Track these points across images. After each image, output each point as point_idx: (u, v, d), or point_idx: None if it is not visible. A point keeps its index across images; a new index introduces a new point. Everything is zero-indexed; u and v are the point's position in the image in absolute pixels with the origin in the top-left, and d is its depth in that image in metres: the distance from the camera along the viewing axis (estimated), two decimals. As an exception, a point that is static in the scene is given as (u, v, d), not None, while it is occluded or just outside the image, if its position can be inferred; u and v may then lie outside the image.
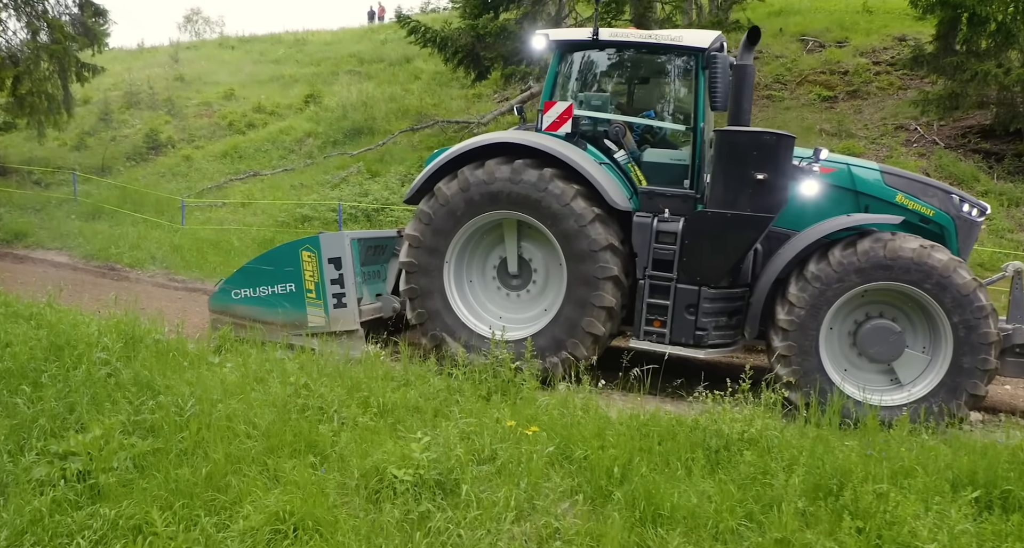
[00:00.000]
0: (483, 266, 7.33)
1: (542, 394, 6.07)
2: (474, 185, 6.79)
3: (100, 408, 5.42)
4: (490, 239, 7.27)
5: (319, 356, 6.67)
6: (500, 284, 7.26)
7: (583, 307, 6.62)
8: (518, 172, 6.67)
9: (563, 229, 6.61)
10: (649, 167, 7.11)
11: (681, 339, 6.45)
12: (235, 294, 7.86)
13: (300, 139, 22.04)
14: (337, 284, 7.45)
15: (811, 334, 6.03)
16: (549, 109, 7.08)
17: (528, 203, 6.67)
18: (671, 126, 7.56)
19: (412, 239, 7.03)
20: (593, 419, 5.21)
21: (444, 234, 6.97)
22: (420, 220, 7.00)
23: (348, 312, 7.45)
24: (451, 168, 7.05)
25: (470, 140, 7.12)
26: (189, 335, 8.07)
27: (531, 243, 7.18)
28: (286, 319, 7.59)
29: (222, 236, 15.03)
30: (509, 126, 21.55)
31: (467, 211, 6.86)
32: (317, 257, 7.48)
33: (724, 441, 5.00)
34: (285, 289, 7.62)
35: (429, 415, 5.42)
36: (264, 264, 7.78)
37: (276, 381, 5.89)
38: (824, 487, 4.57)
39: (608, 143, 7.23)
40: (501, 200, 6.75)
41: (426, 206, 6.97)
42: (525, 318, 7.14)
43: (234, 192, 18.54)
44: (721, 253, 6.33)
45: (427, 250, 7.05)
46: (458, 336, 6.99)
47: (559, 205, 6.57)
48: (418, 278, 7.13)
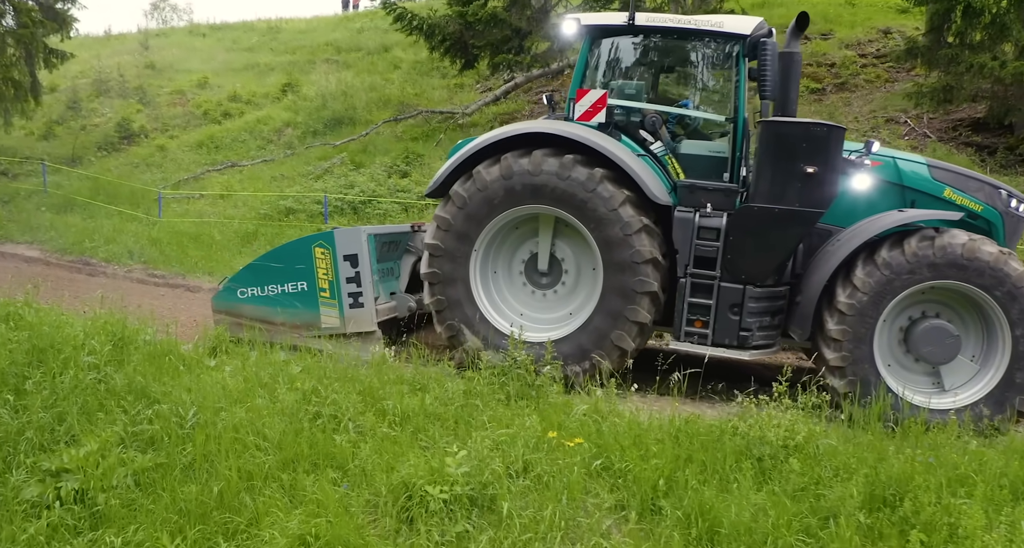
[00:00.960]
0: (511, 259, 6.95)
1: (567, 398, 5.75)
2: (517, 174, 6.39)
3: (92, 418, 5.00)
4: (522, 231, 6.89)
5: (324, 358, 6.27)
6: (527, 280, 6.91)
7: (615, 320, 6.28)
8: (567, 168, 6.28)
9: (606, 235, 6.26)
10: (686, 159, 6.78)
11: (724, 340, 6.14)
12: (241, 293, 7.39)
13: (279, 129, 21.41)
14: (353, 282, 7.02)
15: (868, 322, 5.75)
16: (582, 97, 6.72)
17: (573, 202, 6.30)
18: (711, 117, 7.24)
19: (442, 221, 6.62)
20: (629, 426, 4.90)
21: (477, 221, 6.57)
22: (454, 203, 6.58)
23: (365, 312, 7.04)
24: (480, 159, 6.66)
25: (502, 129, 6.73)
26: (180, 335, 7.62)
27: (566, 242, 6.80)
28: (297, 320, 7.15)
29: (202, 229, 14.48)
30: (495, 117, 21.24)
31: (506, 200, 6.47)
32: (331, 254, 7.05)
33: (769, 449, 4.72)
34: (296, 288, 7.18)
35: (451, 423, 5.07)
36: (273, 261, 7.32)
37: (283, 387, 5.50)
38: (879, 497, 4.31)
39: (643, 134, 6.91)
40: (544, 194, 6.36)
41: (461, 189, 6.55)
42: (548, 319, 6.79)
43: (212, 183, 17.94)
44: (767, 250, 6.04)
45: (456, 235, 6.65)
46: (476, 329, 6.63)
47: (606, 209, 6.21)
48: (442, 263, 6.72)
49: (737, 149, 6.59)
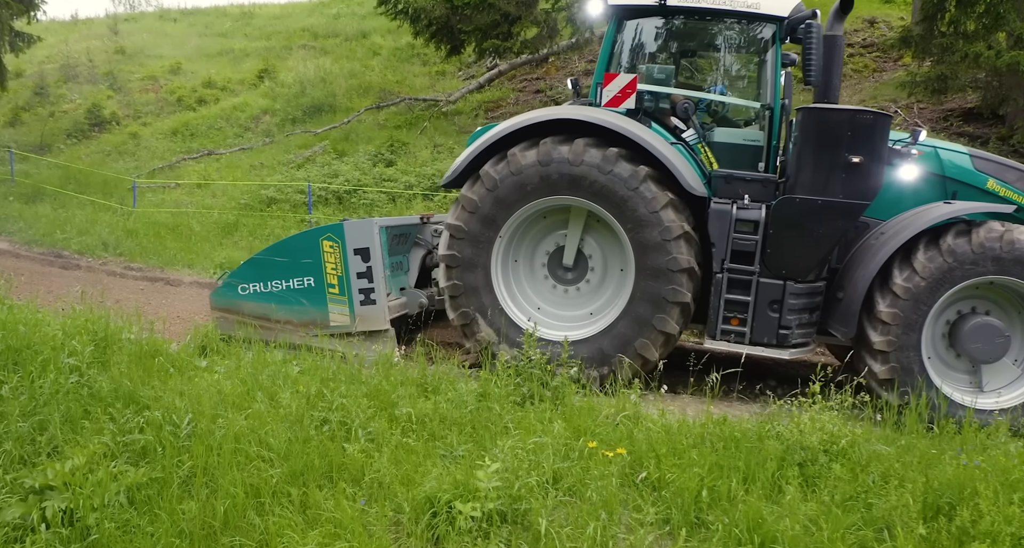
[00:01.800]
0: (534, 249, 6.58)
1: (589, 401, 5.43)
2: (556, 162, 6.00)
3: (76, 427, 4.58)
4: (550, 221, 6.52)
5: (325, 358, 5.88)
6: (548, 273, 6.56)
7: (642, 327, 5.97)
8: (610, 162, 5.91)
9: (643, 238, 5.91)
10: (719, 148, 6.46)
11: (763, 339, 5.83)
12: (242, 289, 6.93)
13: (256, 116, 20.81)
14: (364, 278, 6.60)
15: (922, 308, 5.48)
16: (610, 82, 6.36)
17: (612, 199, 5.95)
18: (746, 103, 6.91)
19: (468, 203, 6.22)
20: (665, 432, 4.58)
21: (506, 206, 6.19)
22: (483, 184, 6.18)
23: (377, 310, 6.63)
24: (506, 145, 6.28)
25: (531, 114, 6.34)
26: (165, 334, 7.18)
27: (595, 237, 6.45)
28: (303, 318, 6.73)
29: (180, 220, 13.94)
30: (480, 105, 20.82)
31: (540, 188, 6.09)
32: (341, 247, 6.63)
33: (811, 454, 4.43)
34: (302, 284, 6.75)
35: (468, 429, 4.71)
36: (277, 255, 6.88)
37: (284, 390, 5.11)
38: (933, 506, 4.04)
39: (675, 121, 6.58)
40: (582, 187, 6.00)
41: (493, 170, 6.15)
42: (566, 316, 6.45)
43: (188, 172, 17.34)
44: (809, 243, 5.75)
45: (482, 219, 6.24)
46: (491, 320, 6.28)
47: (646, 211, 5.86)
48: (463, 246, 6.33)
49: (773, 137, 6.29)
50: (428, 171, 14.51)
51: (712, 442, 4.62)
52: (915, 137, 6.02)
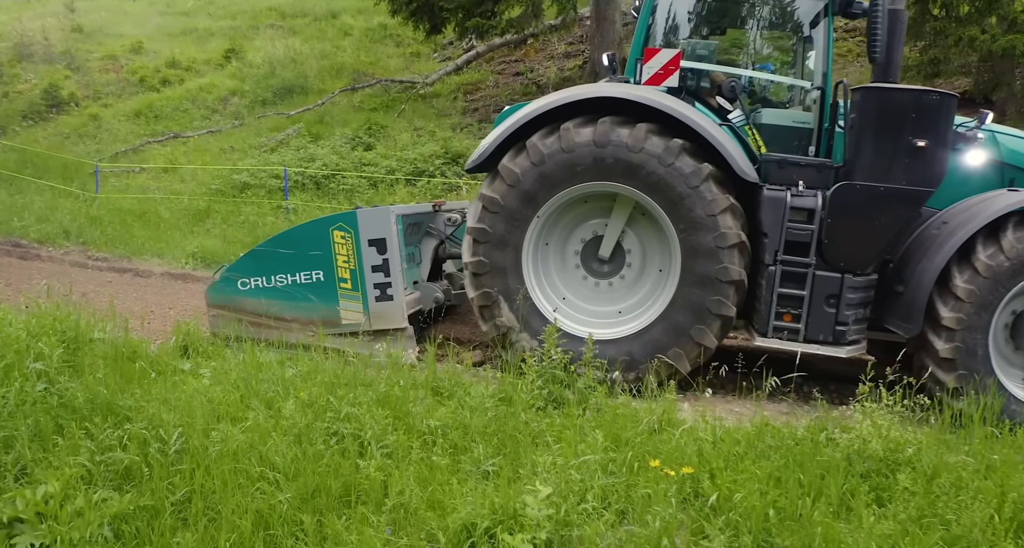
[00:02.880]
0: (569, 234, 6.05)
1: (619, 404, 4.98)
2: (614, 145, 5.47)
3: (47, 444, 4.01)
4: (591, 207, 5.99)
5: (323, 358, 5.35)
6: (580, 262, 6.06)
7: (678, 337, 5.53)
8: (672, 154, 5.41)
9: (694, 241, 5.45)
10: (768, 131, 6.00)
11: (819, 336, 5.41)
12: (242, 284, 6.31)
13: (224, 97, 19.94)
14: (380, 272, 6.03)
15: (1000, 290, 5.10)
16: (651, 57, 5.85)
17: (669, 195, 5.46)
18: (797, 83, 6.44)
19: (509, 175, 5.65)
20: (721, 442, 4.14)
21: (551, 184, 5.63)
22: (529, 157, 5.63)
23: (394, 306, 6.07)
24: (535, 127, 5.74)
25: (567, 92, 5.82)
26: (142, 332, 6.58)
27: (638, 232, 5.94)
28: (311, 315, 6.15)
29: (146, 206, 13.18)
30: (458, 87, 20.21)
31: (590, 170, 5.56)
32: (353, 238, 6.04)
33: (874, 464, 4.04)
34: (310, 278, 6.15)
35: (493, 439, 4.23)
36: (282, 246, 6.26)
37: (283, 397, 4.57)
38: (1017, 521, 3.67)
39: (720, 101, 6.10)
40: (638, 177, 5.49)
41: (542, 143, 5.59)
42: (592, 311, 5.97)
43: (153, 156, 16.50)
44: (870, 234, 5.33)
45: (522, 194, 5.67)
46: (514, 304, 5.78)
47: (703, 213, 5.38)
48: (497, 222, 5.75)
49: (825, 119, 5.86)
50: (410, 155, 13.90)
51: (766, 451, 4.21)
52: (981, 120, 5.63)
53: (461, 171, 13.68)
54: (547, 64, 19.91)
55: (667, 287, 5.66)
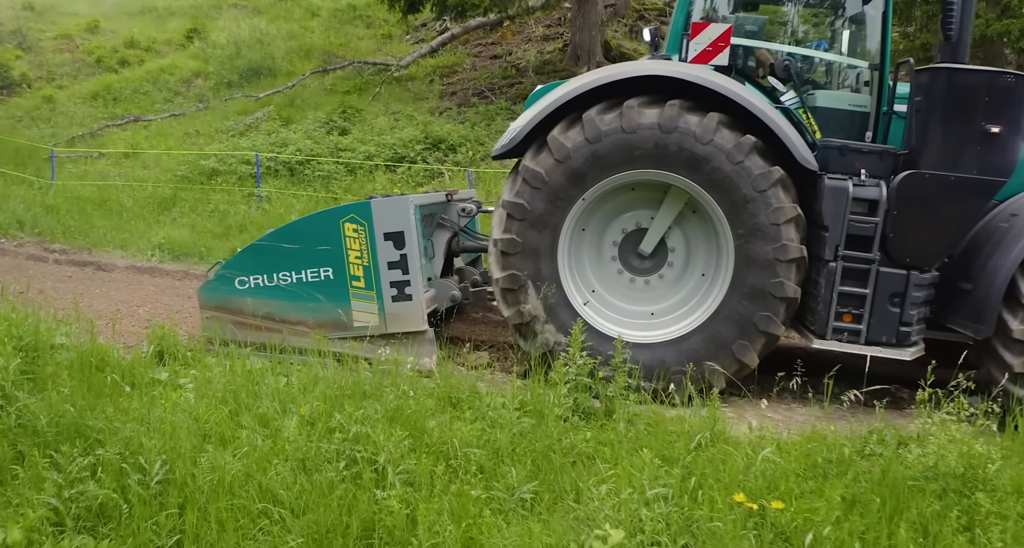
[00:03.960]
0: (609, 222, 5.51)
1: (656, 413, 4.51)
2: (681, 133, 4.93)
3: (5, 476, 3.42)
4: (638, 196, 5.44)
5: (315, 364, 4.79)
6: (617, 254, 5.54)
7: (718, 350, 5.08)
8: (742, 151, 4.88)
9: (752, 250, 4.97)
10: (822, 114, 5.52)
11: (881, 337, 4.96)
12: (240, 283, 5.67)
13: (187, 79, 19.00)
14: (398, 269, 5.44)
15: None
16: (699, 33, 5.33)
17: (732, 196, 4.96)
18: (854, 62, 5.93)
19: (559, 150, 5.11)
20: (791, 462, 3.67)
21: (604, 166, 5.08)
22: (584, 131, 5.09)
23: (413, 307, 5.48)
24: (571, 110, 5.22)
25: (611, 70, 5.28)
26: (105, 334, 5.92)
27: (686, 229, 5.43)
28: (319, 317, 5.55)
29: (107, 194, 12.36)
30: (434, 70, 19.52)
31: (651, 156, 5.01)
32: (367, 231, 5.44)
33: (955, 482, 3.62)
34: (318, 276, 5.54)
35: (527, 461, 3.72)
36: (286, 240, 5.62)
37: (279, 412, 4.00)
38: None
39: (773, 81, 5.60)
40: (702, 171, 4.98)
41: (600, 119, 5.05)
42: (622, 310, 5.47)
43: (113, 140, 15.59)
44: (939, 227, 4.91)
45: (570, 173, 5.12)
46: (542, 291, 5.26)
47: (767, 221, 4.91)
48: (538, 199, 5.18)
49: (883, 102, 5.41)
50: (389, 140, 13.24)
51: (829, 468, 3.77)
52: None
53: (443, 157, 13.09)
54: (525, 47, 19.33)
55: (711, 295, 5.20)
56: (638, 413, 4.53)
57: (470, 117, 14.69)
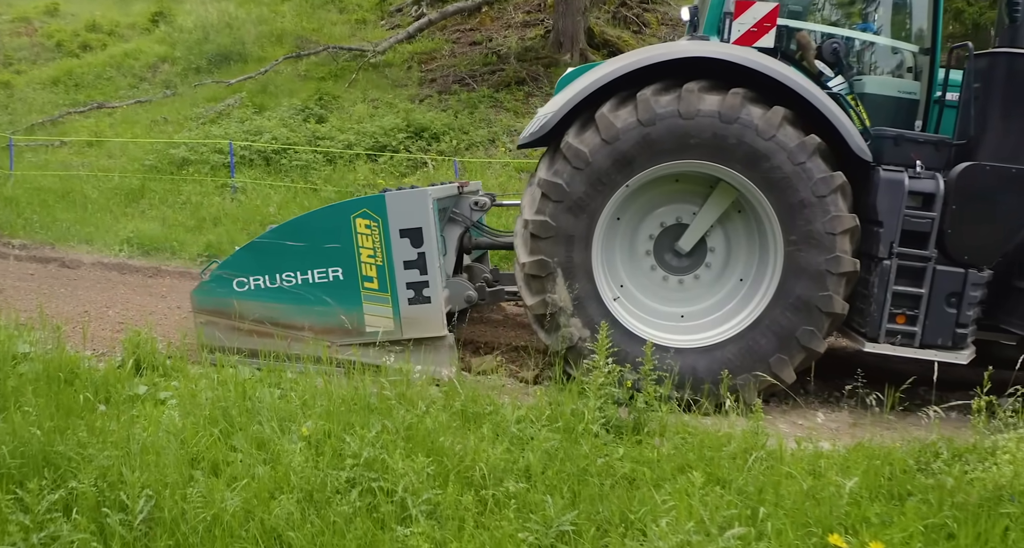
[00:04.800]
0: (647, 214, 5.09)
1: (684, 426, 4.12)
2: (743, 125, 4.52)
3: (-39, 517, 2.92)
4: (681, 188, 5.03)
5: (309, 374, 4.33)
6: (652, 249, 5.13)
7: (754, 363, 4.71)
8: (805, 151, 4.51)
9: (802, 260, 4.60)
10: (871, 101, 5.15)
11: (936, 340, 4.63)
12: (239, 285, 5.16)
13: (153, 65, 18.21)
14: (415, 268, 4.98)
15: None
16: (743, 12, 4.91)
17: (788, 199, 4.58)
18: (904, 46, 5.55)
19: (607, 129, 4.64)
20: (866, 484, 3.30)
21: (654, 152, 4.64)
22: (636, 112, 4.61)
23: (432, 310, 5.02)
24: (606, 95, 4.77)
25: (652, 52, 4.82)
26: (73, 341, 5.40)
27: (729, 230, 5.04)
28: (327, 322, 5.08)
29: (71, 185, 11.67)
30: (412, 56, 18.93)
31: (706, 147, 4.60)
32: (381, 227, 4.97)
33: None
34: (326, 276, 5.05)
35: (563, 488, 3.31)
36: (290, 238, 5.11)
37: (276, 432, 3.54)
38: None
39: (820, 65, 5.22)
40: (759, 169, 4.57)
41: (656, 102, 4.60)
42: (650, 308, 5.08)
43: (75, 128, 14.82)
44: (999, 222, 4.58)
45: (618, 156, 4.66)
46: (572, 280, 4.83)
47: (823, 230, 4.53)
48: (578, 181, 4.72)
49: (934, 88, 5.08)
50: (369, 128, 12.69)
51: (894, 487, 3.41)
52: None
53: (426, 146, 12.59)
54: (506, 33, 18.84)
55: (751, 303, 4.83)
56: (671, 425, 4.14)
57: (452, 105, 14.19)
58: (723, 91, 4.60)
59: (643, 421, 4.08)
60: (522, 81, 15.43)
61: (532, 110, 15.79)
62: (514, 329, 6.58)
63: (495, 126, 13.41)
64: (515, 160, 12.21)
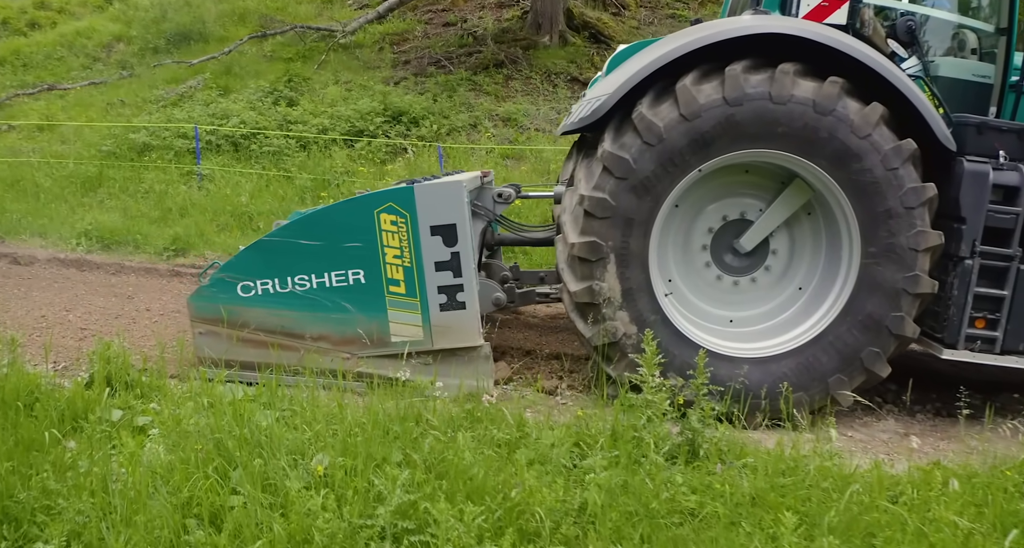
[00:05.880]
0: (707, 205, 4.58)
1: (743, 447, 3.66)
2: (838, 119, 4.05)
3: None
4: (750, 181, 4.53)
5: (309, 390, 3.76)
6: (709, 244, 4.62)
7: (811, 381, 4.28)
8: (900, 156, 4.07)
9: (879, 274, 4.19)
10: (942, 85, 4.71)
11: (1018, 346, 4.24)
12: (245, 289, 4.54)
13: (107, 44, 17.18)
14: (447, 270, 4.42)
15: None
16: None
17: (874, 206, 4.14)
18: (979, 25, 5.04)
19: (689, 103, 4.10)
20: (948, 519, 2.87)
21: (738, 135, 4.12)
22: (723, 90, 4.08)
23: (466, 317, 4.47)
24: (663, 75, 4.24)
25: (720, 27, 4.27)
26: (30, 353, 4.76)
27: (795, 233, 4.57)
28: (346, 331, 4.51)
29: (20, 172, 10.78)
30: (383, 37, 18.16)
31: (794, 137, 4.10)
32: (409, 224, 4.40)
33: None
34: (346, 279, 4.46)
35: (632, 534, 2.81)
36: (305, 236, 4.50)
37: (284, 469, 2.98)
38: None
39: (893, 45, 4.75)
40: (848, 169, 4.12)
41: (746, 80, 4.07)
42: (698, 309, 4.62)
43: (24, 111, 13.82)
44: None
45: (696, 135, 4.11)
46: (625, 268, 4.27)
47: (907, 245, 4.15)
48: (647, 158, 4.14)
49: (1010, 72, 4.64)
50: (344, 112, 11.98)
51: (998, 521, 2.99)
52: None
53: (406, 131, 11.94)
54: (480, 14, 18.20)
55: (813, 315, 4.40)
56: (726, 442, 3.67)
57: (430, 88, 13.54)
58: (818, 77, 4.11)
59: (699, 442, 3.61)
60: (500, 64, 14.85)
61: (512, 93, 15.25)
62: (522, 331, 6.05)
63: (476, 110, 12.82)
64: (500, 146, 11.64)
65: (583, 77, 14.95)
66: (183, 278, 7.69)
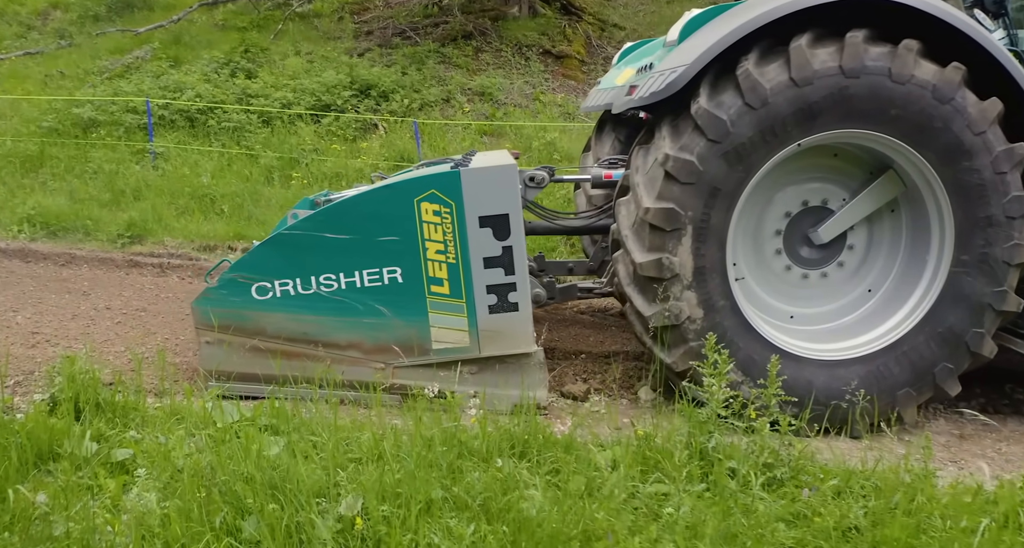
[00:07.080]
0: (785, 188, 4.07)
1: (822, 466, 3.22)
2: (956, 109, 3.60)
3: None
4: (838, 167, 4.05)
5: (326, 409, 3.20)
6: (784, 230, 4.12)
7: (880, 392, 3.87)
8: (1010, 160, 3.67)
9: (967, 286, 3.83)
10: None
11: None
12: (260, 291, 3.88)
13: (42, 11, 15.95)
14: (499, 267, 3.84)
15: None
16: None
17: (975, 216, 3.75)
18: None
19: (802, 67, 3.58)
20: None
21: (847, 112, 3.62)
22: (840, 58, 3.56)
23: (519, 320, 3.90)
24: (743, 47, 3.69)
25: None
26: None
27: (876, 228, 4.13)
28: (380, 338, 3.92)
29: (-50, 151, 9.78)
30: (342, 6, 17.22)
31: (906, 123, 3.63)
32: (455, 214, 3.78)
33: None
34: (380, 279, 3.84)
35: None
36: (331, 229, 3.85)
37: (308, 520, 2.43)
38: None
39: (979, 15, 4.34)
40: (957, 166, 3.69)
41: (866, 52, 3.55)
42: (760, 302, 4.14)
43: (-48, 84, 12.66)
44: None
45: (802, 103, 3.60)
46: (701, 248, 3.75)
47: (1002, 257, 3.75)
48: (746, 121, 3.61)
49: None
50: (308, 85, 11.18)
51: None
52: None
53: (375, 106, 11.21)
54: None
55: (888, 321, 3.99)
56: (803, 463, 3.24)
57: (397, 60, 12.80)
58: (939, 61, 3.64)
59: (777, 460, 3.16)
60: (469, 35, 14.16)
61: (483, 66, 14.56)
62: (536, 323, 5.53)
63: (449, 84, 12.14)
64: (477, 122, 11.02)
65: (556, 50, 14.35)
66: (143, 269, 6.96)
